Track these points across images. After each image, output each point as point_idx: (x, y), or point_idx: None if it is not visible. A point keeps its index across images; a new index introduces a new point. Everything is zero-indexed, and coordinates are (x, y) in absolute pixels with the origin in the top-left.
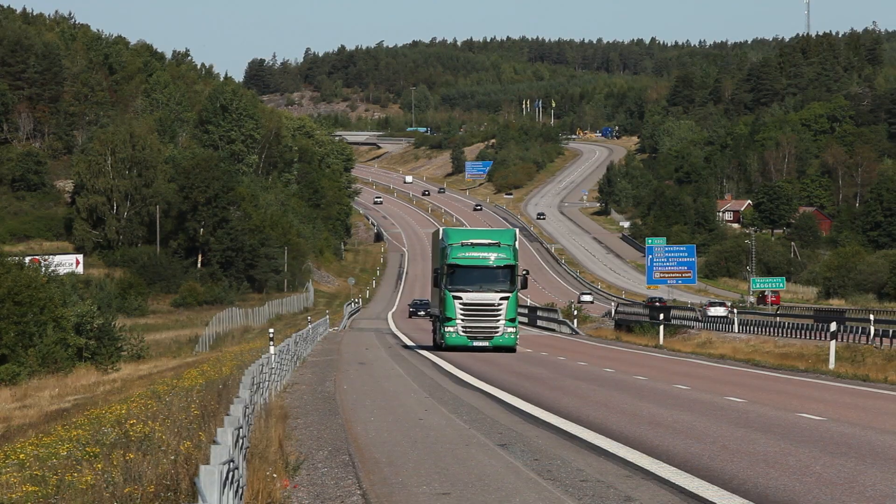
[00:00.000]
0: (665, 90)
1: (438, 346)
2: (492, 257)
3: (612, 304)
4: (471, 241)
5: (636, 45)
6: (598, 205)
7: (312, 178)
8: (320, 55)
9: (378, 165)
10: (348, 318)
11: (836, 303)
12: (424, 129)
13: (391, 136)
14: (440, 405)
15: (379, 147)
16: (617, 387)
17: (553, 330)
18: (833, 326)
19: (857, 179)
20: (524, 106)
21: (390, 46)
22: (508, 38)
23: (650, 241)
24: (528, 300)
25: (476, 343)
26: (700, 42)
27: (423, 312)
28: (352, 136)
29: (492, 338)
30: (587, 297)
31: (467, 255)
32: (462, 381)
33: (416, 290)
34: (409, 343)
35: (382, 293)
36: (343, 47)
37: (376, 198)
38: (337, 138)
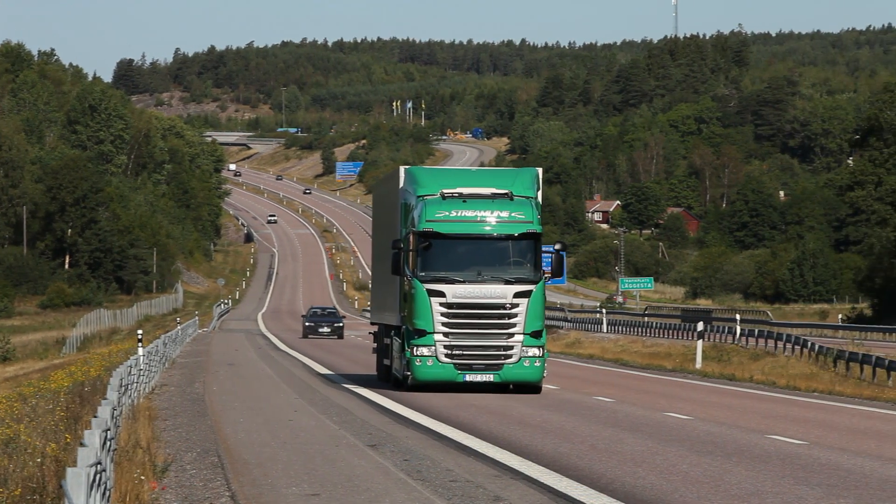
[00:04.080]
0: (535, 91)
1: (397, 382)
2: (495, 218)
3: None
4: (459, 189)
5: (506, 46)
6: None
7: (182, 178)
8: (190, 55)
9: (248, 166)
10: (218, 320)
11: (703, 302)
12: (295, 129)
13: (261, 136)
14: (310, 406)
15: (249, 148)
16: None
17: None
18: (700, 326)
19: (723, 180)
20: (395, 107)
21: (260, 47)
22: (379, 38)
23: None
24: None
25: (470, 377)
26: (570, 43)
27: (327, 329)
28: (222, 137)
29: (500, 367)
30: None
31: (454, 214)
32: (332, 381)
33: (287, 292)
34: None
35: (252, 294)
36: (213, 47)
37: (270, 216)
38: (208, 139)
